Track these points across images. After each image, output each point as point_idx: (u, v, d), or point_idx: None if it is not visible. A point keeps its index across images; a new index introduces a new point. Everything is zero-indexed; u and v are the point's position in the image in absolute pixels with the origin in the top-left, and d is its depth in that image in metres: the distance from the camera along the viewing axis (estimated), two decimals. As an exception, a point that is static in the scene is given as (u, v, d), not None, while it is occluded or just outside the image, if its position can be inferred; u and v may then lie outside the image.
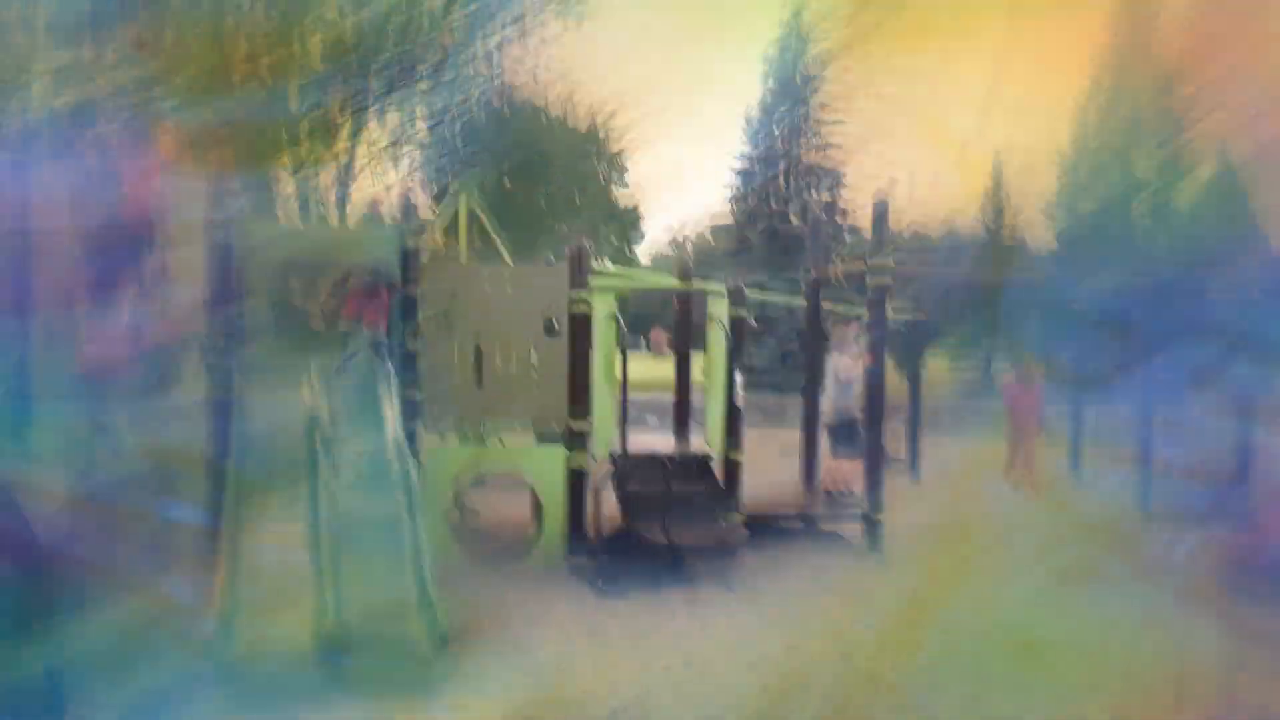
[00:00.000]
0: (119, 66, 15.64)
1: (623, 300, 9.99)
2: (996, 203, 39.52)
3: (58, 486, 5.86)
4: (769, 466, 10.34)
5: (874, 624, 6.19)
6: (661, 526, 7.16)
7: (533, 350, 7.59)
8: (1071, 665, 5.54)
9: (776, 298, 13.71)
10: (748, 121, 25.98)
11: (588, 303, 7.68)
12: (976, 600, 6.75)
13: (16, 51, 14.31)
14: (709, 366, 8.98)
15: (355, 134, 21.05)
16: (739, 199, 25.73)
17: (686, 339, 9.48)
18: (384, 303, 7.75)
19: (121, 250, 6.21)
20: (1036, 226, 31.93)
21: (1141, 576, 7.21)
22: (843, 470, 9.01)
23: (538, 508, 7.59)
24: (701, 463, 8.03)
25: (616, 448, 7.91)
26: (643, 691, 4.89)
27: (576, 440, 7.54)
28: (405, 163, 22.71)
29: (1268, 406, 8.79)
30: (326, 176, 19.29)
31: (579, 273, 7.66)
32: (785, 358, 21.13)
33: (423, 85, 20.40)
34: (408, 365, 7.09)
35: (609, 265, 10.32)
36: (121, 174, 6.60)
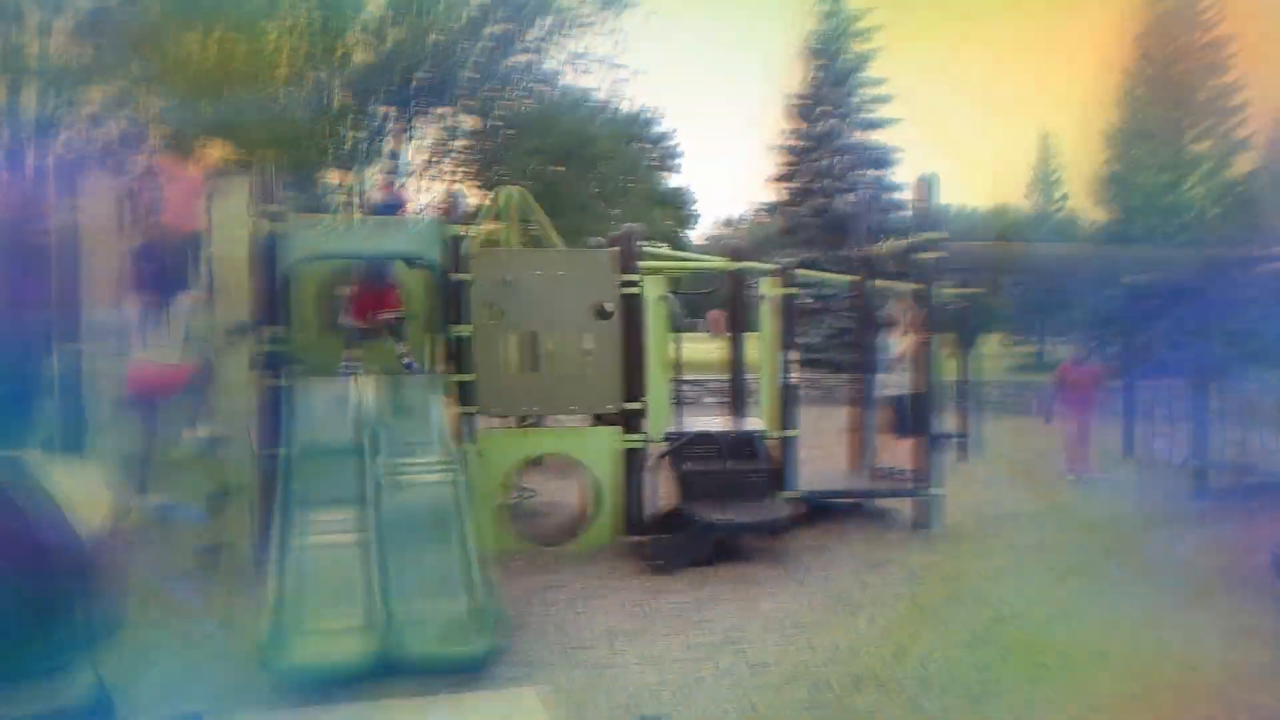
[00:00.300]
0: (161, 76, 16.07)
1: (676, 282, 9.99)
2: (1048, 181, 38.75)
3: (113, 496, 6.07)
4: (823, 445, 10.28)
5: (929, 604, 6.12)
6: (716, 506, 7.16)
7: (585, 334, 7.64)
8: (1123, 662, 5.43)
9: (828, 276, 13.57)
10: (796, 101, 25.71)
11: (639, 286, 7.71)
12: (1031, 580, 6.65)
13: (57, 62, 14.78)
14: (761, 346, 8.95)
15: (405, 132, 21.34)
16: (789, 179, 25.50)
17: (739, 319, 9.45)
18: (391, 300, 7.87)
19: (168, 262, 6.41)
20: (1089, 204, 31.26)
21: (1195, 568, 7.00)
22: (898, 448, 8.92)
23: (593, 489, 7.64)
24: (756, 442, 8.01)
25: (671, 428, 7.92)
26: (694, 671, 4.90)
27: (630, 422, 7.58)
28: (454, 157, 22.94)
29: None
30: (378, 175, 19.56)
31: (629, 256, 7.68)
32: (839, 336, 20.92)
33: (469, 79, 20.55)
34: (459, 350, 7.19)
35: (661, 248, 10.29)
36: (166, 187, 6.79)
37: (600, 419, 7.92)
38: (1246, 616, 5.74)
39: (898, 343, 9.52)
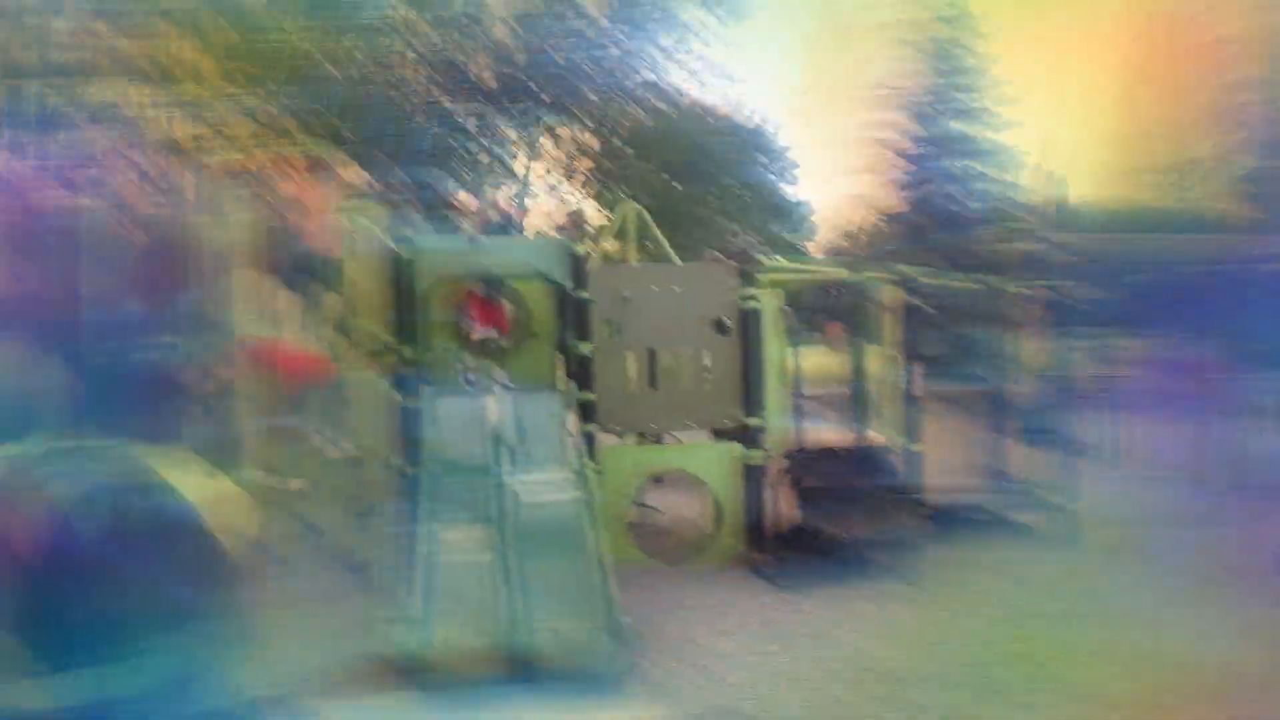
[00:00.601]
0: (303, 104, 16.95)
1: (795, 294, 9.92)
2: (1183, 175, 36.51)
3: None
4: (951, 455, 9.99)
5: (1066, 618, 5.88)
6: (840, 521, 7.06)
7: (704, 349, 7.66)
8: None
9: (952, 282, 13.21)
10: (913, 107, 25.21)
11: (757, 299, 7.69)
12: (1177, 594, 6.31)
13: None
14: (883, 357, 8.79)
15: (529, 150, 21.90)
16: (909, 185, 25.00)
17: (860, 329, 9.30)
18: (497, 317, 7.98)
19: (304, 275, 6.73)
20: (1225, 198, 29.32)
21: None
22: (1029, 456, 8.59)
23: (715, 505, 7.64)
24: (880, 455, 7.86)
25: (792, 442, 7.86)
26: (827, 689, 4.84)
27: (751, 437, 7.56)
28: (576, 175, 23.38)
29: None
30: (503, 194, 20.11)
31: (747, 269, 7.68)
32: (962, 343, 20.29)
33: (592, 97, 20.94)
34: (581, 368, 7.32)
35: (779, 260, 10.22)
36: (301, 204, 7.15)
37: (720, 434, 7.92)
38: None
39: (1023, 347, 9.19)
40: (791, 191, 29.50)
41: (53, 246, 6.11)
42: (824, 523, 7.08)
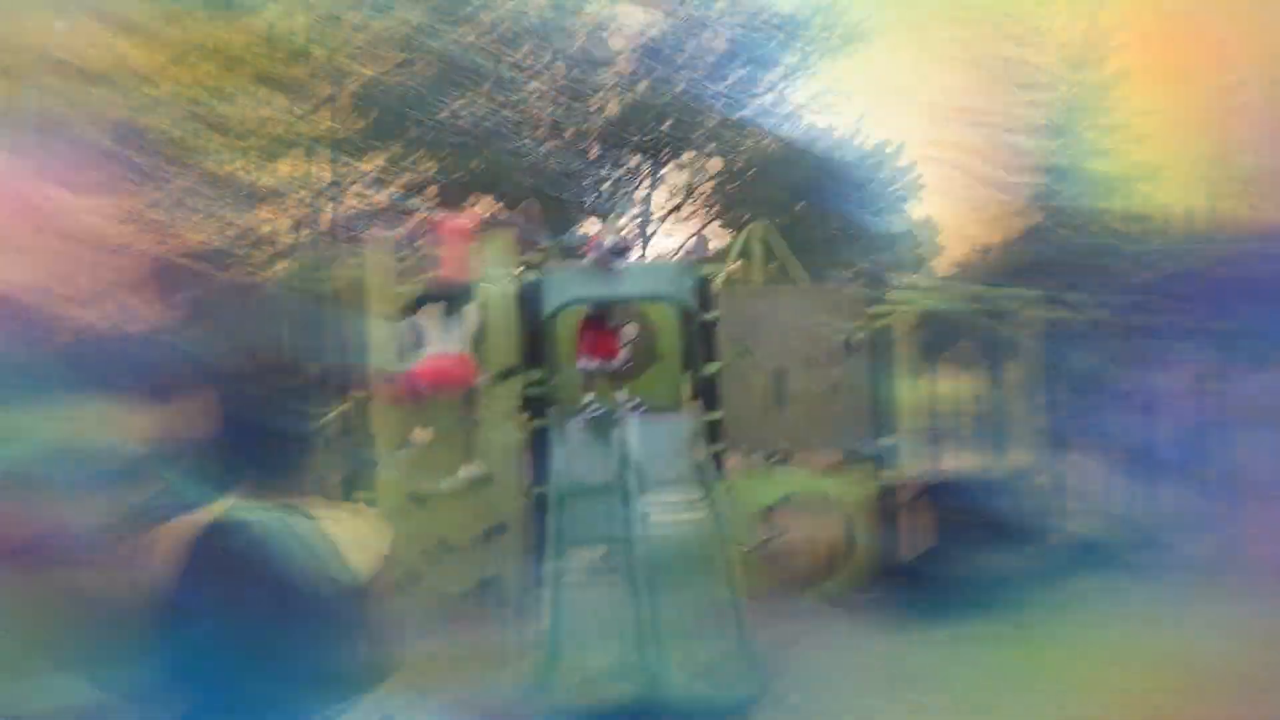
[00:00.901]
0: (432, 138, 17.58)
1: (926, 314, 9.64)
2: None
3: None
4: (1093, 484, 9.46)
5: (1223, 664, 5.40)
6: (976, 551, 6.77)
7: (833, 369, 7.52)
8: None
9: (1082, 307, 12.60)
10: (1045, 125, 24.32)
11: (887, 318, 7.52)
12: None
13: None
14: (1020, 376, 8.42)
15: (653, 178, 22.13)
16: (1040, 202, 24.09)
17: (996, 351, 8.97)
18: (612, 340, 7.92)
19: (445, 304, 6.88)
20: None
21: None
22: (1176, 486, 8.07)
23: (844, 531, 7.45)
24: (1018, 482, 7.53)
25: (927, 466, 7.62)
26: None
27: (881, 460, 7.36)
28: (699, 199, 23.48)
29: None
30: (627, 219, 20.36)
31: (875, 290, 7.52)
32: (1105, 366, 19.35)
33: (714, 123, 21.03)
34: (708, 388, 7.28)
35: (908, 279, 9.99)
36: (439, 238, 7.35)
37: (850, 457, 7.74)
38: None
39: (1164, 373, 8.63)
40: (918, 210, 28.84)
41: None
42: (960, 553, 6.80)
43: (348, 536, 1.93)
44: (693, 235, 18.29)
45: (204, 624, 1.79)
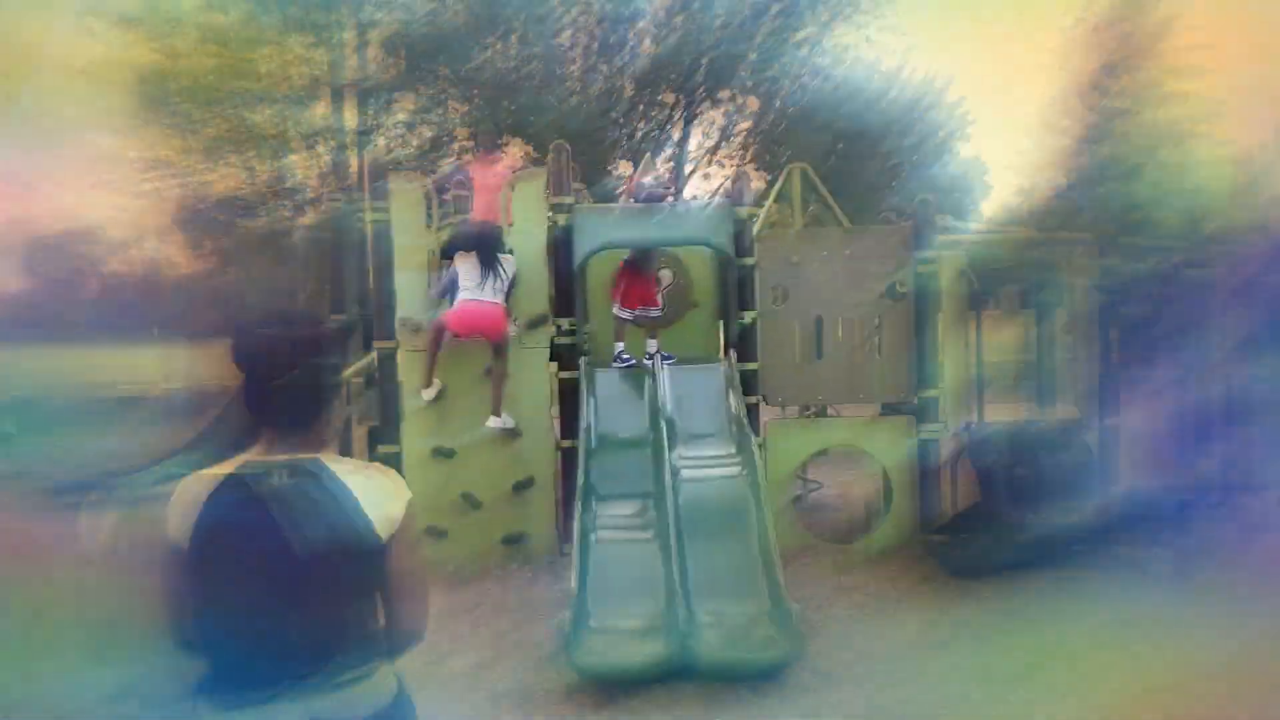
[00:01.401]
0: (464, 81, 17.27)
1: (975, 259, 9.26)
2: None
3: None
4: (1148, 436, 9.09)
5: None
6: (1023, 505, 6.50)
7: (875, 317, 7.24)
8: None
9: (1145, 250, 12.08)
10: (1089, 83, 23.41)
11: (933, 263, 7.19)
12: None
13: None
14: (1071, 324, 8.05)
15: (689, 118, 21.61)
16: (1085, 152, 23.27)
17: (1047, 297, 8.58)
18: (651, 287, 7.64)
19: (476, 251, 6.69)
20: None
21: None
22: (1234, 441, 7.70)
23: (884, 484, 7.22)
24: (1068, 433, 7.22)
25: (971, 417, 7.34)
26: (1004, 692, 4.43)
27: (924, 411, 7.09)
28: (737, 141, 22.97)
29: None
30: (662, 161, 19.96)
31: (923, 232, 7.19)
32: (1168, 317, 18.80)
33: (753, 62, 20.47)
34: (744, 338, 7.04)
35: (956, 223, 9.59)
36: (474, 180, 7.13)
37: (891, 408, 7.47)
38: None
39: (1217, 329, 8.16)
40: (966, 149, 27.98)
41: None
42: (1005, 507, 6.54)
43: (369, 492, 1.82)
44: (730, 177, 17.86)
45: (218, 581, 1.76)
